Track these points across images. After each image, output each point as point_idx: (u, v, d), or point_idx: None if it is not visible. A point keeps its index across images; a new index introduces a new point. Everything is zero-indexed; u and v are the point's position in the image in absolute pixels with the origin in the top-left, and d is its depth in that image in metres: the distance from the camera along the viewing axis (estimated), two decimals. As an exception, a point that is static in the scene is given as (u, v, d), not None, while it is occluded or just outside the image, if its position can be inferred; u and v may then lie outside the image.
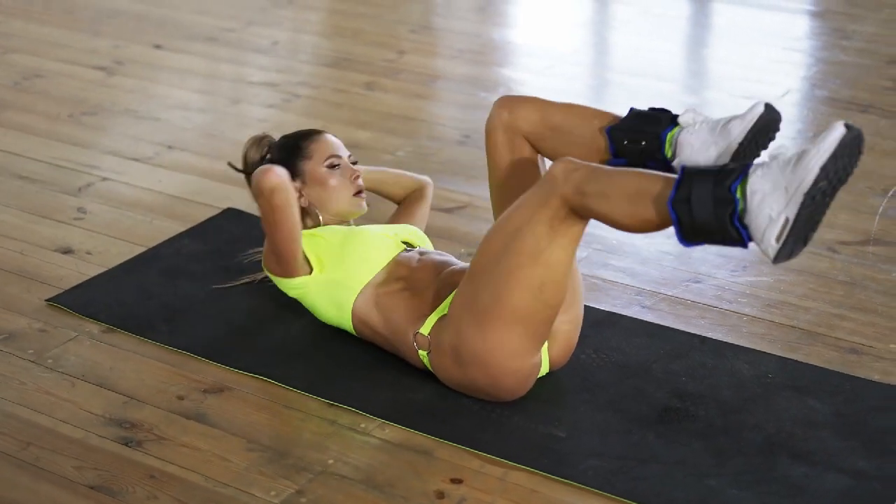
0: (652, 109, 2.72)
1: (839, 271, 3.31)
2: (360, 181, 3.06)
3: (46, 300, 3.14)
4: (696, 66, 5.34)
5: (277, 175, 2.79)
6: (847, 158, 2.24)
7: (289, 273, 2.90)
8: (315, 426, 2.68)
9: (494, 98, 4.59)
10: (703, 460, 2.55)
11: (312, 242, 2.92)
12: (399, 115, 4.45)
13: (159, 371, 2.87)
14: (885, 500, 2.43)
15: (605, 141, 2.72)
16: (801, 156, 2.25)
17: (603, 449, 2.59)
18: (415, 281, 2.82)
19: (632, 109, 2.73)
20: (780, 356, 2.92)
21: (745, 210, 2.28)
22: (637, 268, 3.34)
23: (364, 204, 3.07)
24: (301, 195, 3.02)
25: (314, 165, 3.02)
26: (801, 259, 3.35)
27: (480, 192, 3.63)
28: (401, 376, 2.82)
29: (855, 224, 3.57)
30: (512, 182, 2.82)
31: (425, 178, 3.36)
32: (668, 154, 2.65)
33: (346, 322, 2.89)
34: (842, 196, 3.71)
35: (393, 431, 2.66)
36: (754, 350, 2.94)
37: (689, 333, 3.02)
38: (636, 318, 3.08)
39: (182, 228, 3.53)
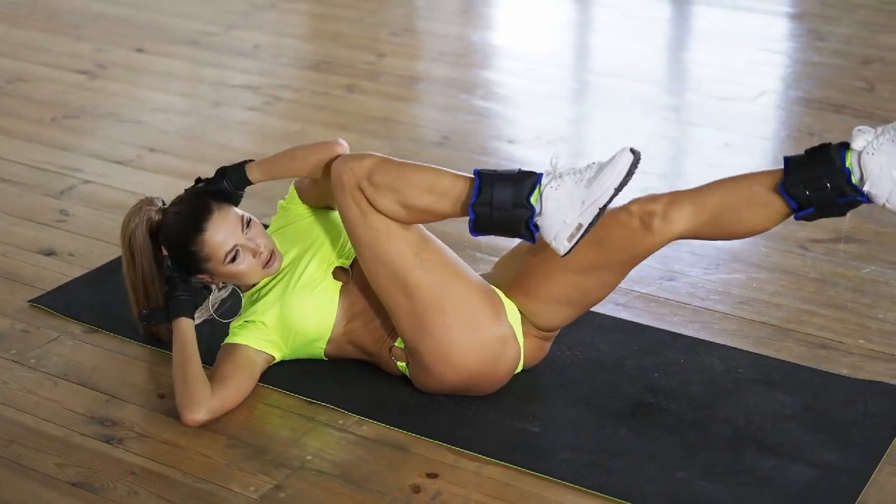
0: (810, 151, 2.53)
1: (810, 269, 3.37)
2: (263, 249, 2.81)
3: (29, 301, 3.19)
4: (676, 67, 5.40)
5: (192, 415, 2.68)
6: (630, 176, 2.52)
7: (234, 402, 2.77)
8: (294, 423, 2.73)
9: (474, 100, 4.69)
10: (673, 453, 2.60)
11: (256, 332, 2.81)
12: (379, 118, 4.50)
13: (140, 370, 2.92)
14: (850, 491, 2.49)
15: (781, 201, 2.54)
16: (595, 176, 2.51)
17: (576, 443, 2.64)
18: (372, 309, 2.83)
19: (788, 160, 2.53)
20: (750, 352, 2.97)
21: (540, 214, 2.54)
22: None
23: (277, 264, 2.85)
24: (214, 279, 2.86)
25: (215, 265, 2.80)
26: (774, 257, 3.42)
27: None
28: (378, 375, 2.86)
29: (826, 222, 3.61)
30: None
31: (334, 140, 2.86)
32: (856, 180, 2.47)
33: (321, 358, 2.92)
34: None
35: (370, 428, 2.71)
36: (726, 346, 3.00)
37: (662, 330, 3.07)
38: (611, 316, 3.13)
39: (163, 230, 3.57)
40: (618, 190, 2.51)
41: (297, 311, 2.81)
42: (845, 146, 2.49)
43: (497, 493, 2.51)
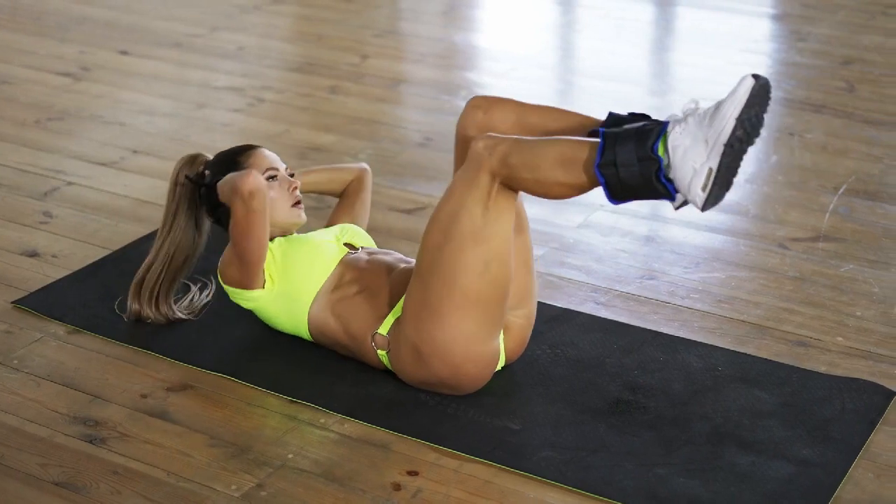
0: (631, 114, 2.67)
1: (789, 267, 3.40)
2: (298, 192, 3.02)
3: (12, 302, 3.20)
4: (659, 68, 5.42)
5: (257, 178, 2.81)
6: (759, 106, 2.38)
7: (249, 284, 2.90)
8: (275, 422, 2.74)
9: (457, 101, 4.71)
10: (652, 450, 2.63)
11: None
12: (362, 119, 4.52)
13: (123, 370, 2.93)
14: (827, 487, 2.51)
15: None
16: (716, 109, 2.37)
17: (556, 440, 2.66)
18: (367, 283, 2.87)
19: (611, 114, 2.68)
20: (729, 349, 3.00)
21: (668, 166, 2.41)
22: (593, 265, 3.41)
23: (303, 214, 3.02)
24: None
25: None
26: (753, 256, 3.45)
27: (440, 194, 3.68)
28: (359, 373, 2.88)
29: (805, 221, 3.65)
30: None
31: (361, 166, 3.31)
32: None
33: (302, 331, 2.95)
34: (793, 194, 3.82)
35: (351, 426, 2.72)
36: (705, 344, 3.02)
37: (642, 328, 3.09)
38: (591, 315, 3.15)
39: (147, 231, 3.58)
40: (741, 120, 2.34)
41: (302, 253, 2.91)
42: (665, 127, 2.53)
43: (477, 491, 2.53)
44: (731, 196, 2.99)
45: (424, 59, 5.31)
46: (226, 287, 2.96)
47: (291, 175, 3.06)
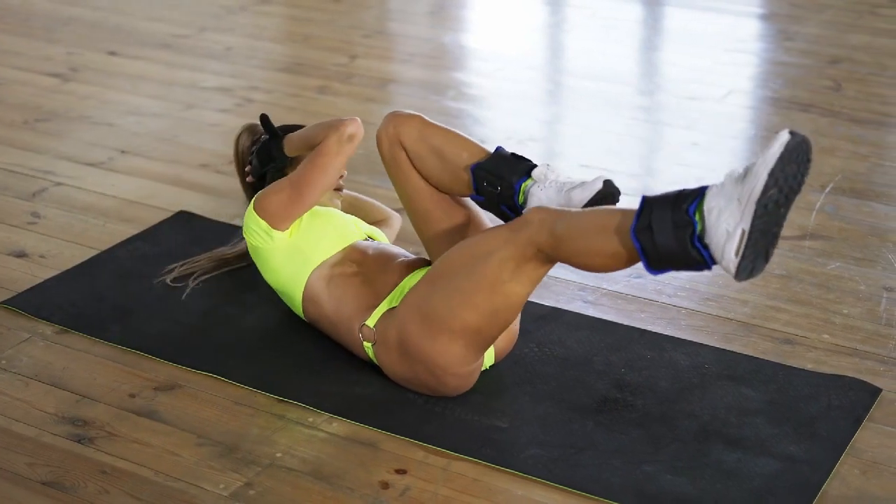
0: (514, 156, 2.83)
1: (776, 265, 3.41)
2: (342, 182, 3.15)
3: (0, 302, 3.20)
4: (646, 68, 5.43)
5: (361, 129, 2.92)
6: (795, 165, 2.26)
7: (280, 221, 2.92)
8: (264, 421, 2.75)
9: (446, 101, 4.72)
10: (639, 447, 2.63)
11: None
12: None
13: (111, 370, 2.93)
14: (813, 484, 2.52)
15: (469, 176, 2.85)
16: (749, 167, 2.28)
17: (543, 438, 2.67)
18: (367, 268, 2.89)
19: (498, 150, 2.84)
20: (716, 347, 3.01)
21: (703, 230, 2.31)
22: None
23: (339, 202, 3.15)
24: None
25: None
26: (740, 254, 3.45)
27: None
28: (348, 372, 2.89)
29: (792, 219, 3.66)
30: (407, 190, 2.96)
31: (396, 214, 3.42)
32: (521, 201, 2.78)
33: (296, 294, 2.94)
34: (780, 192, 3.81)
35: (340, 425, 2.73)
36: (692, 342, 3.03)
37: (629, 327, 3.10)
38: (579, 313, 3.16)
39: (135, 232, 3.58)
40: (774, 177, 2.22)
41: (327, 219, 2.98)
42: (530, 172, 2.76)
43: (465, 489, 2.53)
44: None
45: (413, 59, 5.31)
46: (251, 216, 2.94)
47: (341, 176, 3.14)
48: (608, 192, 2.70)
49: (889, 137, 4.35)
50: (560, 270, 3.37)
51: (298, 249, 2.93)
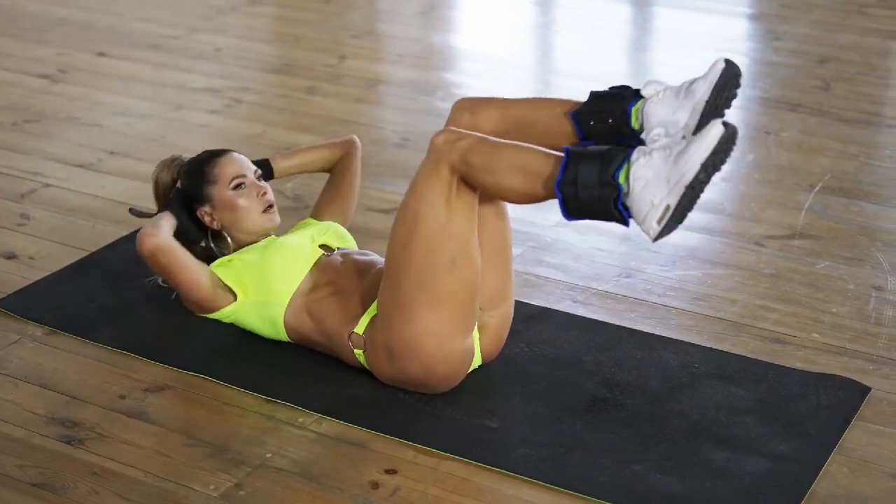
0: (612, 88, 2.73)
1: (765, 265, 3.41)
2: (269, 196, 3.04)
3: (-11, 304, 3.20)
4: (636, 68, 5.44)
5: (151, 238, 2.86)
6: (723, 154, 2.42)
7: (210, 309, 2.94)
8: (253, 422, 2.75)
9: (434, 101, 4.72)
10: (629, 447, 2.64)
11: (230, 269, 2.95)
12: (340, 119, 4.52)
13: (101, 371, 2.93)
14: (802, 482, 2.53)
15: (570, 125, 2.73)
16: (682, 151, 2.41)
17: (533, 438, 2.67)
18: (342, 284, 2.88)
19: (592, 92, 2.73)
20: (706, 347, 3.01)
21: (627, 194, 2.45)
22: (570, 264, 3.43)
23: (276, 218, 3.05)
24: (213, 219, 3.02)
25: (220, 190, 3.00)
26: (729, 253, 3.47)
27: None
28: (337, 372, 2.89)
29: (781, 219, 3.67)
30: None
31: (348, 139, 3.34)
32: (636, 126, 2.67)
33: (281, 335, 2.95)
34: (769, 192, 3.84)
35: (329, 425, 2.73)
36: (682, 341, 3.04)
37: (619, 326, 3.11)
38: (568, 313, 3.17)
39: (124, 233, 3.58)
40: (705, 166, 2.39)
41: (274, 257, 2.91)
42: (638, 94, 2.68)
43: (455, 489, 2.53)
44: (707, 194, 2.99)
45: (402, 59, 5.32)
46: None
47: (260, 178, 3.08)
48: (731, 73, 2.64)
49: (877, 137, 4.36)
50: (550, 270, 3.38)
51: (262, 302, 2.92)
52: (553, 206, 3.65)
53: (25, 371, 2.92)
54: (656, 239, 2.45)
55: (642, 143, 2.65)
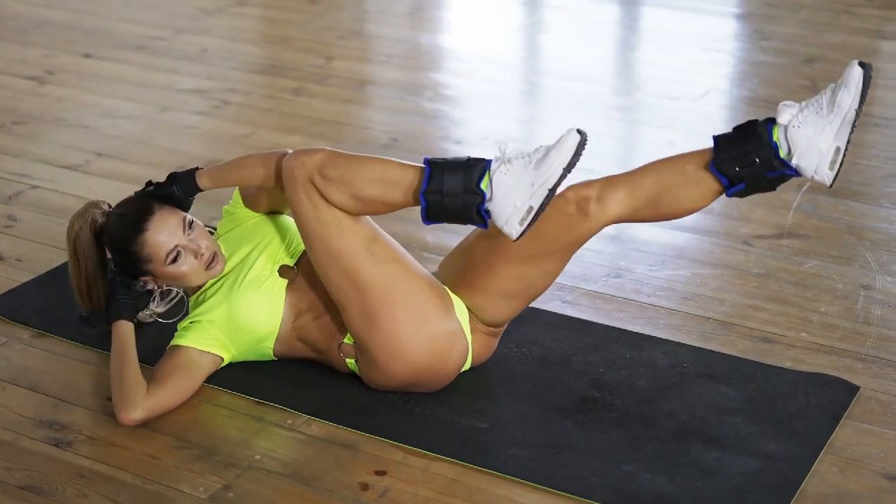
0: (738, 128, 2.61)
1: (754, 264, 3.42)
2: (207, 251, 2.83)
3: (-24, 307, 3.19)
4: (624, 68, 5.44)
5: (130, 416, 2.69)
6: (578, 157, 2.55)
7: (182, 396, 2.79)
8: (242, 423, 2.74)
9: (422, 102, 4.72)
10: (619, 447, 2.64)
11: (203, 334, 2.81)
12: (327, 120, 4.52)
13: (89, 374, 2.92)
14: (792, 481, 2.53)
15: (713, 178, 2.61)
16: (543, 158, 2.53)
17: (523, 438, 2.67)
18: (320, 303, 2.84)
19: (718, 138, 2.61)
20: (695, 346, 3.01)
21: (491, 200, 2.56)
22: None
23: (220, 264, 2.86)
24: (157, 285, 2.87)
25: (157, 266, 2.81)
26: (718, 253, 3.47)
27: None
28: (326, 374, 2.88)
29: (770, 219, 3.67)
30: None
31: (283, 151, 2.82)
32: (784, 154, 2.56)
33: (272, 358, 2.93)
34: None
35: (319, 427, 2.72)
36: (671, 341, 3.04)
37: (608, 326, 3.10)
38: (557, 313, 3.16)
39: (112, 234, 3.57)
40: (566, 170, 2.53)
41: (244, 308, 2.81)
42: (772, 121, 2.60)
43: (445, 490, 2.53)
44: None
45: (390, 60, 5.31)
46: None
47: (191, 224, 2.84)
48: (868, 76, 2.57)
49: (865, 136, 4.36)
50: (538, 270, 3.37)
51: (249, 348, 2.87)
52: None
53: (13, 374, 2.91)
54: (519, 238, 2.55)
55: (792, 168, 2.56)
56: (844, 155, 2.55)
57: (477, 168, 2.57)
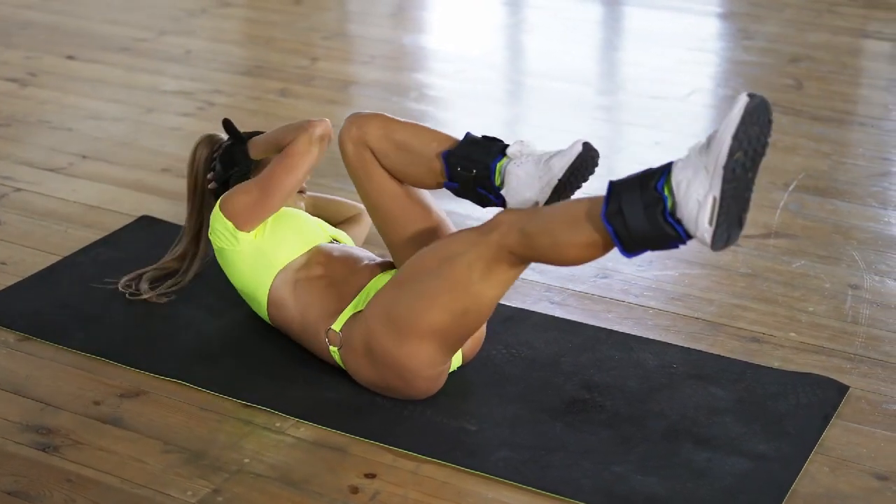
0: (485, 138, 2.75)
1: (741, 264, 3.41)
2: (305, 184, 3.15)
3: (-39, 310, 3.16)
4: (608, 68, 5.44)
5: (331, 130, 2.95)
6: (758, 127, 2.26)
7: (248, 222, 2.89)
8: (231, 427, 2.73)
9: (407, 102, 4.71)
10: (609, 448, 2.63)
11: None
12: (313, 121, 4.50)
13: (75, 377, 2.90)
14: (782, 482, 2.53)
15: (440, 164, 2.76)
16: (712, 135, 2.28)
17: (513, 440, 2.66)
18: (332, 271, 2.87)
19: (467, 135, 2.76)
20: (684, 347, 3.01)
21: (674, 205, 2.32)
22: (546, 265, 3.41)
23: (302, 204, 3.16)
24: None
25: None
26: (705, 253, 3.46)
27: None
28: (314, 376, 2.87)
29: (757, 218, 3.67)
30: (372, 195, 2.88)
31: (362, 206, 3.27)
32: (498, 183, 2.70)
33: (260, 297, 2.92)
34: (744, 191, 3.82)
35: (307, 430, 2.71)
36: (659, 342, 3.03)
37: (596, 327, 3.10)
38: (546, 314, 3.16)
39: (97, 237, 3.55)
40: (738, 139, 2.24)
41: (292, 220, 2.97)
42: (505, 151, 2.70)
43: (435, 492, 2.52)
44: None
45: (374, 60, 5.30)
46: (217, 217, 2.92)
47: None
48: (588, 156, 2.61)
49: (850, 135, 4.37)
50: (526, 271, 3.35)
51: (262, 252, 2.91)
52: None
53: (-2, 378, 2.90)
54: (715, 244, 2.29)
55: (502, 198, 2.68)
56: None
57: (656, 173, 2.36)
